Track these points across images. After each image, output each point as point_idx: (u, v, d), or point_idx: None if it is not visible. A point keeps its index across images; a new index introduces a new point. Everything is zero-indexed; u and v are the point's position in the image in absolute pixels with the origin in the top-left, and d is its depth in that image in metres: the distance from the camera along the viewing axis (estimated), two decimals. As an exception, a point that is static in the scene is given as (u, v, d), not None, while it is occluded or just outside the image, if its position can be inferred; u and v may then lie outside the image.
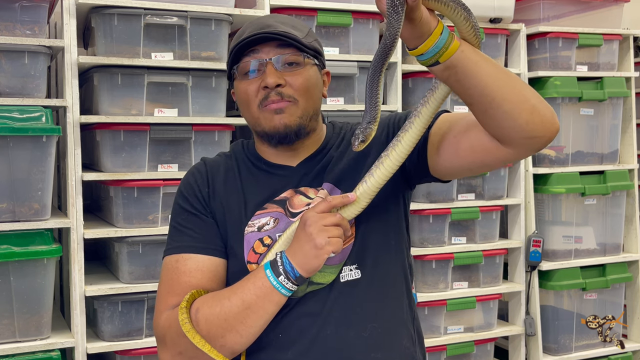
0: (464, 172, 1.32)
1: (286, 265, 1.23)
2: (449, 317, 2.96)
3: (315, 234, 1.21)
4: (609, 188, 3.16)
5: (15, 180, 2.26)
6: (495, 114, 1.14)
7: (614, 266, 3.21)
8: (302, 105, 1.32)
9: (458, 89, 1.16)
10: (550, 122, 1.15)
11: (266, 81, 1.30)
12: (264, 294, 1.23)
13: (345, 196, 1.25)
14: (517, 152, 1.19)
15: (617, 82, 3.20)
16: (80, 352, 2.34)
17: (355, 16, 2.75)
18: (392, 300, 1.36)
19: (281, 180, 1.37)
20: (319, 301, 1.30)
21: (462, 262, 2.95)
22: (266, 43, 1.32)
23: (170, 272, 1.34)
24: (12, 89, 2.30)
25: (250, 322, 1.24)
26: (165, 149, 2.51)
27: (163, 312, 1.31)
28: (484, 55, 1.16)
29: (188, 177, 1.42)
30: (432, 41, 1.10)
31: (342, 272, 1.31)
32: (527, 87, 1.16)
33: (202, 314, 1.25)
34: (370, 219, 1.33)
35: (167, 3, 2.46)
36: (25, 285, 2.27)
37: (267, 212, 1.35)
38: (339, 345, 1.29)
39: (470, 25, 1.15)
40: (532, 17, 3.18)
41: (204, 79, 2.54)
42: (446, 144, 1.27)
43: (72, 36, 2.36)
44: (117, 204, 2.44)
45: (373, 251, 1.34)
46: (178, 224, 1.37)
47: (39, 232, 2.30)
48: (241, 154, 1.44)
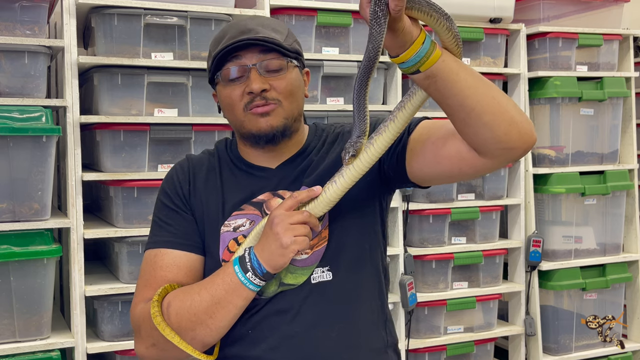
0: (442, 179, 1.34)
1: (254, 262, 1.26)
2: (449, 317, 2.96)
3: (282, 233, 1.23)
4: (609, 188, 3.16)
5: (15, 180, 2.26)
6: (474, 124, 1.15)
7: (614, 266, 3.21)
8: (286, 107, 1.35)
9: (438, 97, 1.17)
10: (528, 134, 1.17)
11: (251, 87, 1.32)
12: (232, 289, 1.27)
13: (310, 190, 1.28)
14: (494, 162, 1.21)
15: (617, 82, 3.20)
16: (80, 352, 2.34)
17: (355, 16, 2.75)
18: (363, 303, 1.38)
19: (260, 182, 1.40)
20: (290, 300, 1.33)
21: (462, 262, 2.95)
22: (248, 48, 1.34)
23: (148, 266, 1.38)
24: (12, 89, 2.30)
25: (219, 316, 1.28)
26: (165, 149, 2.51)
27: (138, 304, 1.36)
28: (466, 65, 1.17)
29: (171, 174, 1.46)
30: (414, 50, 1.12)
31: (314, 273, 1.34)
32: (507, 98, 1.17)
33: (173, 308, 1.29)
34: (344, 222, 1.36)
35: (167, 3, 2.46)
36: (25, 285, 2.27)
37: (244, 213, 1.38)
38: (307, 344, 1.31)
39: (452, 35, 1.16)
40: (532, 17, 3.18)
41: (204, 79, 2.54)
42: (424, 150, 1.29)
43: (72, 36, 2.36)
44: (117, 204, 2.44)
45: (346, 254, 1.36)
46: (159, 219, 1.42)
47: (39, 232, 2.29)
48: (224, 153, 1.47)
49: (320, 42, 2.74)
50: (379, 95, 2.85)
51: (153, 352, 1.33)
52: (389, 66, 2.85)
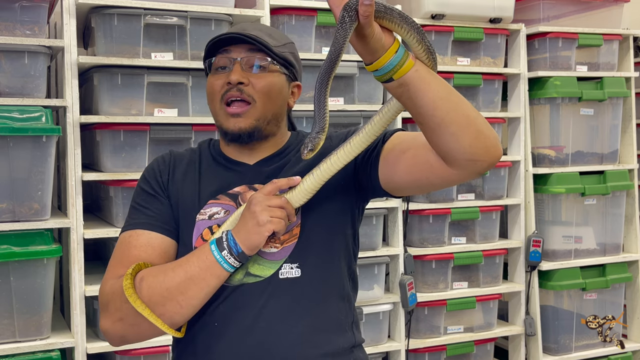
0: (412, 189, 1.39)
1: (230, 242, 1.29)
2: (449, 317, 2.96)
3: (259, 212, 1.28)
4: (608, 188, 3.16)
5: (15, 180, 2.26)
6: (442, 134, 1.19)
7: (614, 266, 3.21)
8: (259, 108, 1.39)
9: (409, 106, 1.21)
10: (493, 147, 1.21)
11: (230, 77, 1.37)
12: (206, 267, 1.30)
13: (290, 178, 1.33)
14: (461, 173, 1.24)
15: (617, 82, 3.20)
16: (80, 352, 2.34)
17: (355, 16, 2.74)
18: (330, 302, 1.40)
19: (236, 175, 1.44)
20: (256, 294, 1.34)
21: (462, 262, 2.95)
22: (239, 45, 1.40)
23: (123, 246, 1.41)
24: (12, 89, 2.30)
25: (190, 293, 1.30)
26: (165, 149, 2.50)
27: (109, 281, 1.38)
28: (438, 77, 1.21)
29: (152, 163, 1.50)
30: (387, 58, 1.16)
31: (282, 268, 1.36)
32: (476, 112, 1.21)
33: (146, 282, 1.31)
34: (316, 223, 1.39)
35: (167, 3, 2.46)
36: (25, 285, 2.27)
37: (219, 202, 1.41)
38: (271, 339, 1.33)
39: (423, 48, 1.19)
40: (532, 17, 3.18)
41: (204, 79, 2.52)
42: (396, 159, 1.34)
43: (72, 36, 2.37)
44: (117, 204, 2.44)
45: (315, 252, 1.38)
46: (137, 203, 1.45)
47: (39, 232, 2.30)
48: (206, 149, 1.51)
49: (320, 42, 2.74)
50: (378, 95, 2.85)
51: (119, 326, 1.34)
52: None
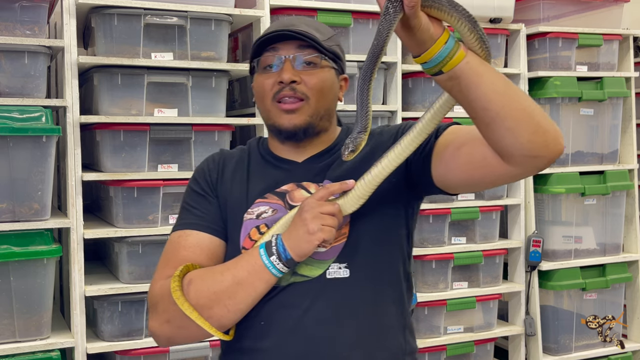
0: (468, 186, 1.32)
1: (279, 247, 1.27)
2: (449, 317, 2.96)
3: (310, 219, 1.24)
4: (608, 188, 3.16)
5: (15, 180, 2.26)
6: (497, 129, 1.13)
7: (614, 266, 3.21)
8: (313, 104, 1.36)
9: (461, 100, 1.15)
10: (554, 143, 1.14)
11: (282, 76, 1.34)
12: (255, 272, 1.28)
13: (343, 182, 1.28)
14: (519, 170, 1.18)
15: (617, 82, 3.20)
16: (80, 352, 2.34)
17: (355, 16, 2.75)
18: (379, 304, 1.36)
19: (284, 173, 1.41)
20: (303, 294, 1.32)
21: (462, 262, 2.95)
22: (287, 42, 1.37)
23: (172, 246, 1.40)
24: (12, 89, 2.30)
25: (238, 297, 1.28)
26: (165, 149, 2.51)
27: (158, 281, 1.37)
28: (492, 68, 1.14)
29: (202, 164, 1.49)
30: (436, 50, 1.09)
31: (330, 268, 1.33)
32: (535, 105, 1.14)
33: (194, 285, 1.30)
34: (366, 221, 1.35)
35: (167, 3, 2.46)
36: (25, 285, 2.27)
37: (267, 201, 1.39)
38: (317, 340, 1.30)
39: (476, 37, 1.12)
40: (532, 17, 3.18)
41: (204, 79, 2.54)
42: (450, 155, 1.27)
43: (72, 36, 2.36)
44: (117, 204, 2.44)
45: (365, 253, 1.35)
46: (187, 204, 1.44)
47: (39, 232, 2.30)
48: (255, 147, 1.49)
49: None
50: (379, 95, 2.85)
51: (167, 329, 1.33)
52: (389, 66, 2.85)
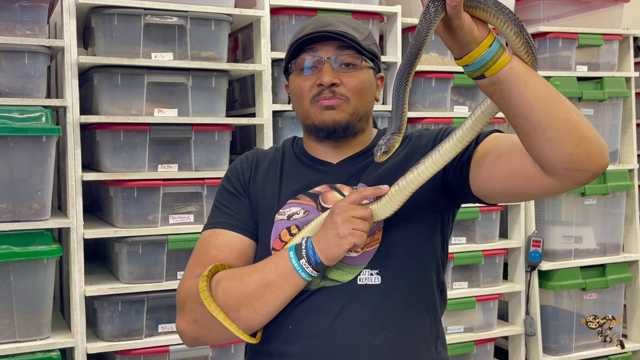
0: (506, 197, 1.28)
1: (309, 250, 1.25)
2: (449, 317, 2.96)
3: (340, 223, 1.22)
4: (608, 188, 3.16)
5: (15, 180, 2.26)
6: (539, 140, 1.08)
7: (614, 266, 3.21)
8: (353, 105, 1.34)
9: (502, 106, 1.11)
10: (598, 157, 1.08)
11: (322, 79, 1.32)
12: (284, 274, 1.26)
13: (377, 187, 1.26)
14: (560, 184, 1.13)
15: (617, 82, 3.20)
16: (80, 352, 2.34)
17: (355, 16, 2.74)
18: (412, 314, 1.32)
19: (319, 174, 1.39)
20: (333, 299, 1.29)
21: (462, 262, 2.95)
22: (326, 42, 1.34)
23: (202, 245, 1.39)
24: (12, 89, 2.30)
25: (266, 300, 1.26)
26: (165, 149, 2.51)
27: (187, 280, 1.35)
28: (537, 75, 1.09)
29: (236, 162, 1.48)
30: (479, 53, 1.06)
31: (361, 274, 1.30)
32: (580, 116, 1.09)
33: (222, 286, 1.28)
34: (400, 227, 1.32)
35: (167, 3, 2.46)
36: (25, 285, 2.27)
37: (299, 202, 1.37)
38: (347, 347, 1.27)
39: (522, 42, 1.07)
40: (532, 17, 3.17)
41: (204, 79, 2.54)
42: (489, 163, 1.23)
43: (72, 36, 2.36)
44: (117, 204, 2.44)
45: (398, 260, 1.31)
46: (219, 202, 1.43)
47: (39, 232, 2.29)
48: (289, 147, 1.48)
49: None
50: (379, 95, 2.85)
51: (194, 328, 1.32)
52: (389, 66, 2.85)
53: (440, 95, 2.94)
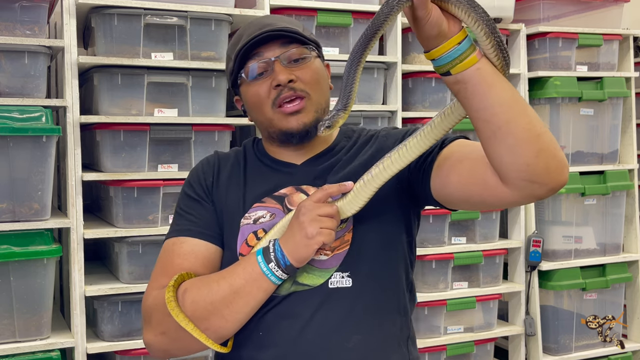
0: (464, 205, 1.27)
1: (277, 253, 1.22)
2: (449, 317, 2.96)
3: (307, 223, 1.19)
4: (608, 188, 3.16)
5: (15, 180, 2.26)
6: (498, 145, 1.07)
7: (614, 266, 3.21)
8: (315, 99, 1.31)
9: (466, 106, 1.10)
10: (556, 172, 1.07)
11: (277, 79, 1.28)
12: (253, 280, 1.22)
13: (342, 184, 1.23)
14: (516, 195, 1.11)
15: (617, 82, 3.20)
16: (80, 352, 2.34)
17: (355, 16, 2.75)
18: (383, 315, 1.31)
19: (284, 177, 1.37)
20: (304, 304, 1.27)
21: (462, 262, 2.95)
22: (268, 43, 1.31)
23: (166, 254, 1.35)
24: (12, 89, 2.30)
25: (236, 307, 1.23)
26: (165, 149, 2.51)
27: (152, 291, 1.31)
28: (504, 80, 1.08)
29: (197, 167, 1.44)
30: (445, 49, 1.04)
31: (332, 277, 1.28)
32: (543, 128, 1.07)
33: (189, 295, 1.25)
34: (369, 228, 1.31)
35: (167, 3, 2.46)
36: (25, 285, 2.27)
37: (265, 206, 1.34)
38: (319, 353, 1.25)
39: (492, 44, 1.05)
40: (532, 17, 3.18)
41: (204, 79, 2.54)
42: (448, 166, 1.22)
43: (72, 36, 2.36)
44: (117, 204, 2.44)
45: (368, 261, 1.30)
46: (180, 209, 1.39)
47: (39, 232, 2.29)
48: (250, 150, 1.44)
49: (321, 42, 2.72)
50: (378, 95, 2.85)
51: (162, 340, 1.28)
52: (389, 66, 2.85)
53: (440, 95, 2.94)
